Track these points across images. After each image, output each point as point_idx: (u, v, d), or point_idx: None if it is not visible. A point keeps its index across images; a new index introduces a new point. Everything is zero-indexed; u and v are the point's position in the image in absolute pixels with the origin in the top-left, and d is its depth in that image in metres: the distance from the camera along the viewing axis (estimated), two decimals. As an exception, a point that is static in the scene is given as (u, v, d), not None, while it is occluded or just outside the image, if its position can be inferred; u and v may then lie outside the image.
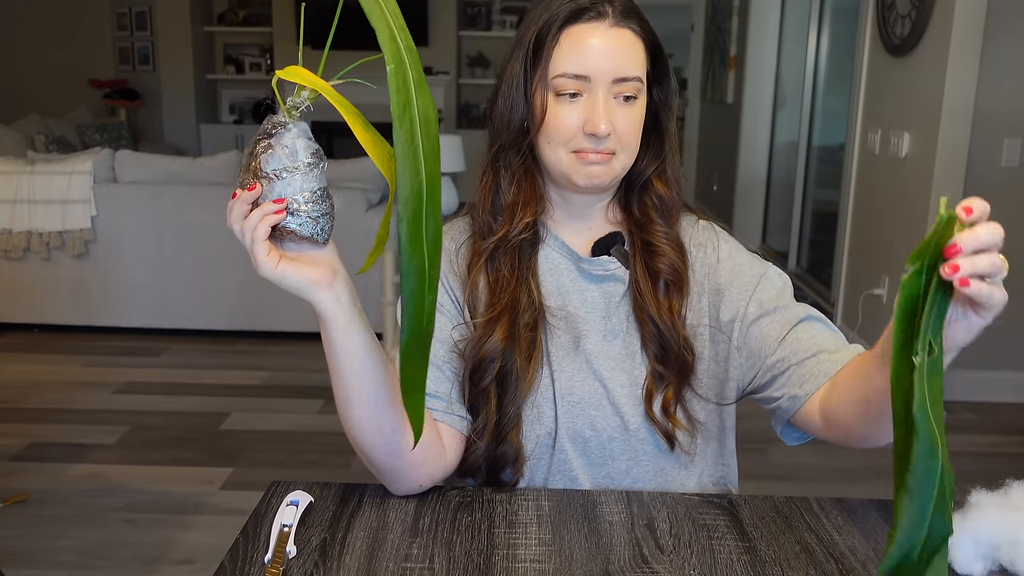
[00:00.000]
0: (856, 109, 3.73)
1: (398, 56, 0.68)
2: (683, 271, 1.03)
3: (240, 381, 3.45)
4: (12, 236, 3.80)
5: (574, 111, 0.96)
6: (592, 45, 0.95)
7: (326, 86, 0.75)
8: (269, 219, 0.78)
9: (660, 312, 1.01)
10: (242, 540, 0.87)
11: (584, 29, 0.96)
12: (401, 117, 0.68)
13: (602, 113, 0.95)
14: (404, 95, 0.68)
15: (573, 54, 0.95)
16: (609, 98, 0.96)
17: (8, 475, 2.61)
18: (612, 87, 0.96)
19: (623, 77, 0.96)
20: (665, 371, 1.01)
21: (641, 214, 1.05)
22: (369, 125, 0.78)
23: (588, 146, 0.96)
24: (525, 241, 1.03)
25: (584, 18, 0.96)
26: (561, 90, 0.96)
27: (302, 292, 0.82)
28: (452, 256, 1.06)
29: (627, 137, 0.98)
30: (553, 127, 0.97)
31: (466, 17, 7.18)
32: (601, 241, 1.05)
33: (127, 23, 6.91)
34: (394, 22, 0.70)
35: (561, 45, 0.96)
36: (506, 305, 1.01)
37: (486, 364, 1.00)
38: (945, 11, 2.95)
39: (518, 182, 1.03)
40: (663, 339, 1.01)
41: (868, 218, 3.65)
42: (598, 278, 1.05)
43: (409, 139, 0.68)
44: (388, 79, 0.68)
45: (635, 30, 0.97)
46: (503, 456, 1.02)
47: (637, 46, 0.97)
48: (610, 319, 1.04)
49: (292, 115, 0.79)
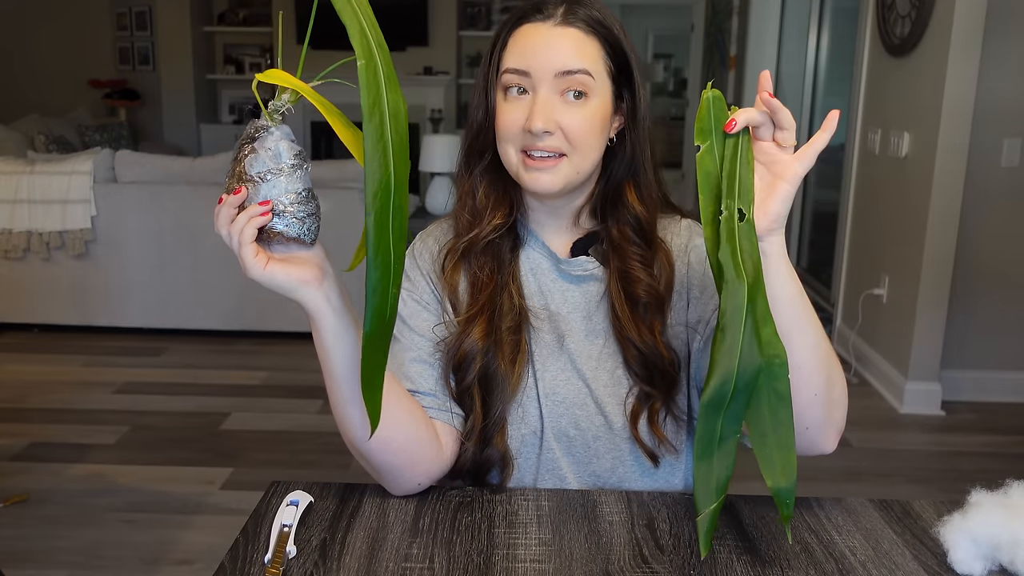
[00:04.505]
0: (856, 109, 3.73)
1: (368, 51, 0.69)
2: (662, 290, 1.02)
3: (240, 381, 3.45)
4: (12, 236, 3.80)
5: (517, 108, 0.96)
6: (534, 41, 0.96)
7: (306, 87, 0.76)
8: (255, 221, 0.79)
9: (641, 335, 1.01)
10: (242, 540, 0.87)
11: (530, 28, 0.97)
12: (371, 112, 0.69)
13: (539, 109, 0.94)
14: (375, 90, 0.69)
15: (517, 51, 0.97)
16: (552, 95, 0.95)
17: (8, 475, 2.61)
18: (556, 82, 0.95)
19: (567, 70, 0.94)
20: (652, 390, 1.02)
21: (618, 234, 1.03)
22: (351, 124, 0.79)
23: (530, 143, 0.96)
24: (503, 243, 1.04)
25: (530, 19, 0.98)
26: (507, 86, 0.97)
27: (291, 292, 0.83)
28: (435, 257, 1.07)
29: (576, 135, 0.96)
30: (500, 124, 0.98)
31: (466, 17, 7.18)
32: (580, 242, 1.06)
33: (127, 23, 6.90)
34: (365, 18, 0.70)
35: (508, 45, 0.98)
36: (484, 305, 1.01)
37: (467, 363, 1.00)
38: (945, 11, 2.94)
39: (487, 184, 1.04)
40: (646, 360, 1.01)
41: (868, 218, 3.65)
42: (577, 278, 1.05)
43: (379, 134, 0.69)
44: (359, 74, 0.68)
45: (586, 30, 0.97)
46: (488, 459, 1.02)
47: (586, 43, 0.96)
48: (591, 319, 1.04)
49: (274, 118, 0.80)
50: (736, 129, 0.78)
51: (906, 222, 3.22)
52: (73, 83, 6.80)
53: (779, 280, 0.83)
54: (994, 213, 3.14)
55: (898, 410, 3.21)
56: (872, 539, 0.89)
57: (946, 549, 0.85)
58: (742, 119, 0.78)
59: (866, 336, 3.59)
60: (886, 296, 3.39)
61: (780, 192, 0.81)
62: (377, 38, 0.70)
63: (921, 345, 3.15)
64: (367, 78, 0.69)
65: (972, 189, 3.06)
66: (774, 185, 0.81)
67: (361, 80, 0.69)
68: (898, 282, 3.30)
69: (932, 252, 3.07)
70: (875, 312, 3.50)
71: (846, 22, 4.63)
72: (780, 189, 0.81)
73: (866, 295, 3.55)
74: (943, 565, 0.84)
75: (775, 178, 0.81)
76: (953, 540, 0.84)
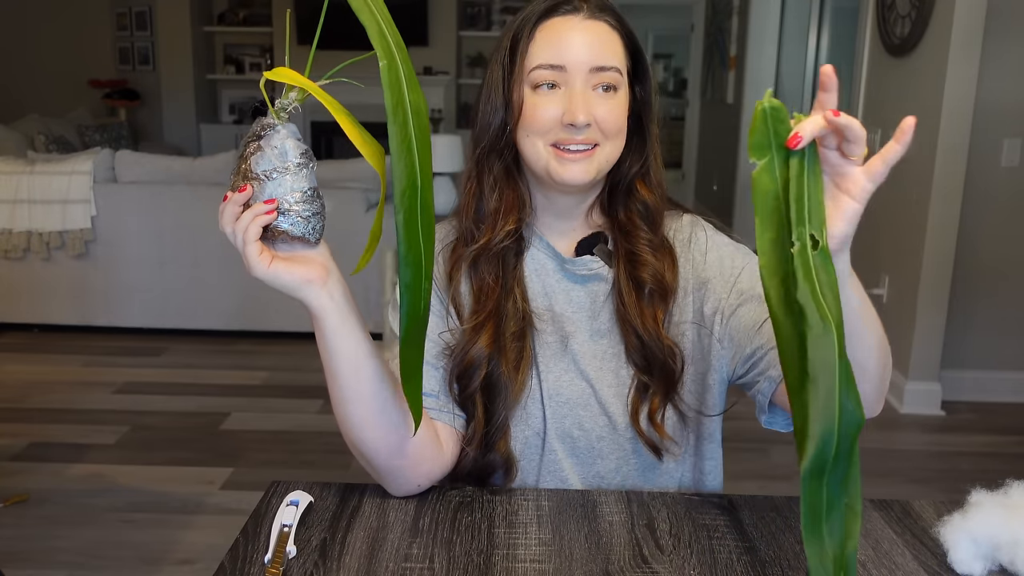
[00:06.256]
0: (856, 109, 3.73)
1: (389, 52, 0.69)
2: (668, 280, 1.02)
3: (240, 381, 3.45)
4: (12, 236, 3.79)
5: (551, 102, 0.95)
6: (568, 35, 0.95)
7: (314, 86, 0.76)
8: (260, 220, 0.79)
9: (644, 322, 1.00)
10: (242, 540, 0.87)
11: (559, 22, 0.96)
12: (395, 112, 0.69)
13: (580, 102, 0.94)
14: (397, 90, 0.69)
15: (549, 45, 0.96)
16: (587, 88, 0.95)
17: (8, 475, 2.61)
18: (590, 77, 0.95)
19: (601, 66, 0.95)
20: (650, 380, 1.01)
21: (627, 219, 1.03)
22: (358, 123, 0.79)
23: (567, 136, 0.95)
24: (509, 248, 1.03)
25: (559, 12, 0.97)
26: (538, 82, 0.96)
27: (295, 291, 0.82)
28: (437, 258, 1.06)
29: (610, 126, 0.96)
30: (531, 119, 0.96)
31: (466, 17, 7.18)
32: (584, 241, 1.05)
33: (127, 23, 6.90)
34: (383, 19, 0.70)
35: (536, 39, 0.97)
36: (490, 312, 1.01)
37: (472, 370, 1.00)
38: (945, 11, 2.94)
39: (500, 188, 1.02)
40: (646, 350, 1.00)
41: (868, 218, 3.59)
42: (582, 278, 1.04)
43: (403, 134, 0.69)
44: (381, 75, 0.68)
45: (611, 24, 0.97)
46: (491, 464, 1.02)
47: (614, 38, 0.97)
48: (596, 319, 1.04)
49: (280, 116, 0.79)
50: (802, 145, 0.66)
51: (906, 222, 3.22)
52: (73, 83, 6.79)
53: (848, 296, 0.76)
54: (994, 213, 3.14)
55: (898, 410, 3.21)
56: (872, 539, 0.89)
57: (946, 549, 0.85)
58: (808, 132, 0.66)
59: (866, 336, 3.58)
60: (886, 296, 3.39)
61: (847, 211, 0.72)
62: (395, 38, 0.70)
63: (921, 345, 3.15)
64: (390, 79, 0.69)
65: (972, 189, 3.06)
66: (839, 202, 0.72)
67: (384, 81, 0.68)
68: (898, 282, 3.30)
69: (932, 252, 3.07)
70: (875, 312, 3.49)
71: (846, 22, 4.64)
72: (847, 208, 0.72)
73: (866, 295, 3.54)
74: (943, 565, 0.84)
75: (841, 194, 0.72)
76: (953, 540, 0.84)
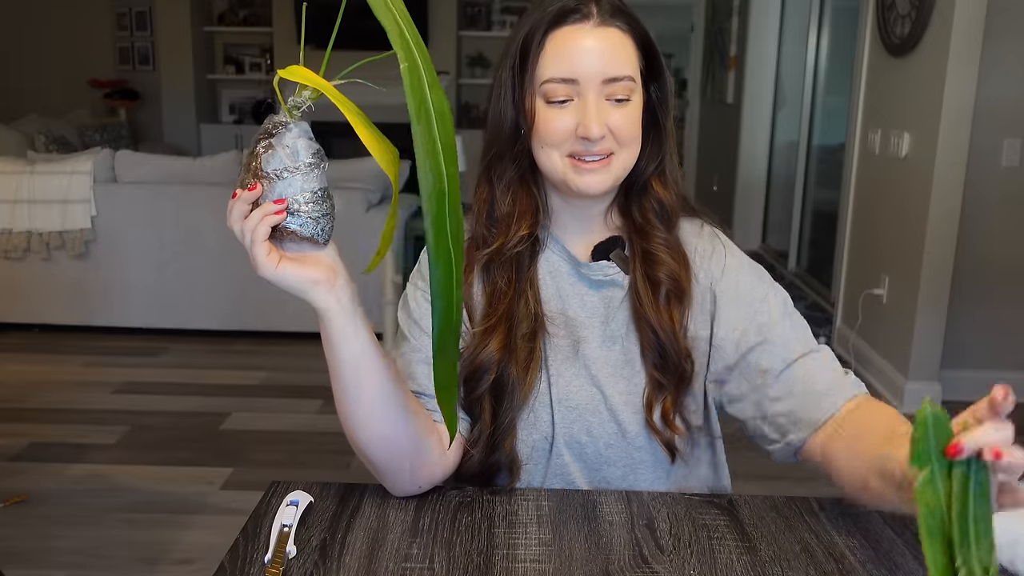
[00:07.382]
0: (856, 109, 3.73)
1: (410, 53, 0.67)
2: (683, 280, 1.01)
3: (239, 381, 3.45)
4: (12, 236, 3.79)
5: (565, 116, 0.94)
6: (578, 47, 0.93)
7: (328, 86, 0.75)
8: (269, 219, 0.78)
9: (660, 320, 0.99)
10: (242, 540, 0.87)
11: (569, 32, 0.94)
12: (418, 115, 0.67)
13: (594, 116, 0.92)
14: (419, 93, 0.67)
15: (559, 58, 0.93)
16: (601, 100, 0.93)
17: (8, 475, 2.61)
18: (603, 88, 0.93)
19: (613, 77, 0.93)
20: (664, 379, 1.00)
21: (642, 218, 1.02)
22: (372, 125, 0.78)
23: (582, 148, 0.94)
24: (522, 252, 1.01)
25: (569, 20, 0.94)
26: (551, 97, 0.94)
27: (302, 292, 0.82)
28: None
29: (624, 134, 0.95)
30: (544, 132, 0.95)
31: (466, 17, 7.17)
32: (601, 246, 1.03)
33: (127, 23, 6.90)
34: (402, 19, 0.69)
35: (547, 50, 0.94)
36: (502, 316, 1.00)
37: (481, 374, 0.99)
38: (945, 11, 2.94)
39: (513, 192, 1.01)
40: (663, 347, 0.99)
41: (868, 218, 3.65)
42: (597, 283, 1.03)
43: (428, 136, 0.67)
44: (403, 77, 0.66)
45: (623, 28, 0.95)
46: (496, 464, 1.01)
47: (626, 44, 0.95)
48: (609, 324, 1.03)
49: (293, 115, 0.78)
50: (964, 456, 0.60)
51: (906, 222, 3.21)
52: (73, 83, 6.79)
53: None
54: (994, 213, 3.14)
55: (898, 410, 3.20)
56: (872, 539, 0.89)
57: (946, 549, 0.85)
58: (971, 443, 0.60)
59: (866, 336, 3.59)
60: (886, 296, 3.39)
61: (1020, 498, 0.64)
62: (415, 38, 0.68)
63: (921, 345, 3.15)
64: (411, 81, 0.67)
65: (972, 189, 3.06)
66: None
67: (405, 83, 0.66)
68: (898, 282, 3.30)
69: (932, 252, 3.07)
70: (875, 312, 3.50)
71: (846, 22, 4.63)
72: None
73: (866, 295, 3.55)
74: (943, 565, 0.84)
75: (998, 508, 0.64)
76: (953, 540, 0.84)
